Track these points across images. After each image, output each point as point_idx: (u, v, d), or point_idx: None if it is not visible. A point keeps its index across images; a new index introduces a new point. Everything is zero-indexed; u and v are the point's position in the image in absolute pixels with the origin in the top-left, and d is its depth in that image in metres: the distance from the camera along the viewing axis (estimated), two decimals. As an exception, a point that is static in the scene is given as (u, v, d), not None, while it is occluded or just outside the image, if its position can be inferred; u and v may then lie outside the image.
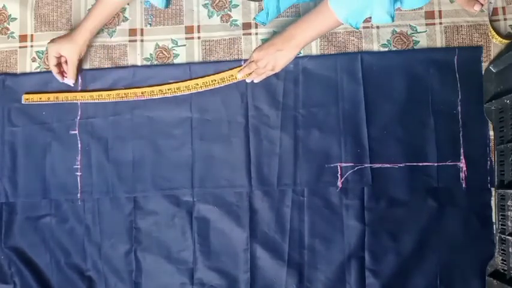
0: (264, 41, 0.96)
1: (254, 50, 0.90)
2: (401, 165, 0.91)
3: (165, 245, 0.94)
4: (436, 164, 0.91)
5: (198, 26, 0.98)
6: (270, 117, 0.94)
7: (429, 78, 0.92)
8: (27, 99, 0.96)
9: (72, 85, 0.95)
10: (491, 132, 0.92)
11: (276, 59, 0.87)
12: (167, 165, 0.94)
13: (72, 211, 0.95)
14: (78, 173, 0.95)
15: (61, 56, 0.92)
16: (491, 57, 0.93)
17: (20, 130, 0.97)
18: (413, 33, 0.94)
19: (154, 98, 0.94)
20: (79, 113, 0.97)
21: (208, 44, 0.97)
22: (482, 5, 0.92)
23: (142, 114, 0.96)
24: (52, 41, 0.92)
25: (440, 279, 0.90)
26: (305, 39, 0.85)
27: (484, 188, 0.91)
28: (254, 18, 0.96)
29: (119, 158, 0.95)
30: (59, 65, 0.93)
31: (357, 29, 0.82)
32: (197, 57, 0.97)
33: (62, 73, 0.94)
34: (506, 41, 0.91)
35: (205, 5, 0.98)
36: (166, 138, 0.95)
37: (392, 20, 0.77)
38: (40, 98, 0.95)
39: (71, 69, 0.93)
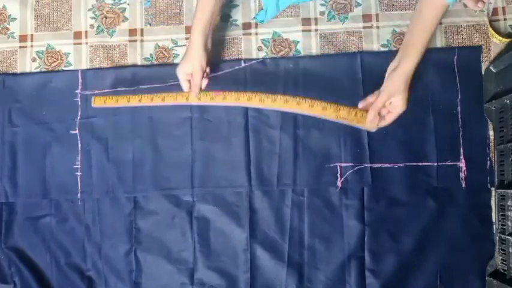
0: (265, 41, 0.96)
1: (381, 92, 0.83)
2: (401, 165, 0.91)
3: (165, 245, 0.94)
4: (436, 164, 0.91)
5: (198, 26, 0.98)
6: (270, 117, 0.94)
7: (429, 78, 0.92)
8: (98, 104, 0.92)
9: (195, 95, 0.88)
10: (491, 132, 0.92)
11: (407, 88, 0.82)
12: (167, 165, 0.94)
13: (72, 211, 0.95)
14: (78, 173, 0.95)
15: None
16: (491, 57, 0.93)
17: (20, 130, 0.97)
18: (413, 33, 0.94)
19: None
20: (79, 113, 0.97)
21: (208, 44, 0.97)
22: (484, 2, 0.92)
23: (142, 114, 0.96)
24: (177, 69, 0.86)
25: (440, 279, 0.90)
26: (422, 50, 0.81)
27: (484, 188, 0.91)
28: (254, 17, 0.96)
29: (119, 158, 0.95)
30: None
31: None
32: (197, 57, 0.97)
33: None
34: (507, 40, 0.91)
35: (205, 5, 0.98)
36: (166, 138, 0.95)
37: None
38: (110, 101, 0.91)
39: (195, 83, 0.87)
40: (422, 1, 0.80)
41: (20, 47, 1.00)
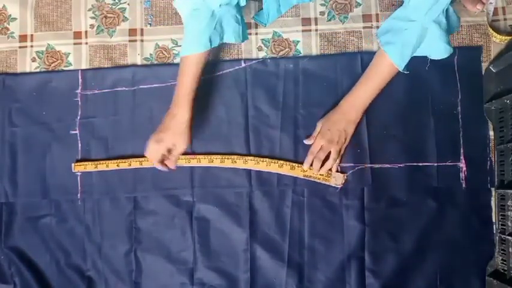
0: (265, 41, 0.96)
1: (317, 125, 0.89)
2: (401, 165, 0.91)
3: (165, 245, 0.94)
4: (436, 164, 0.91)
5: (198, 26, 0.98)
6: (270, 117, 0.94)
7: (429, 78, 0.92)
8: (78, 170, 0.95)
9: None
10: (491, 132, 0.92)
11: (346, 128, 0.86)
12: (167, 165, 0.94)
13: (72, 211, 0.95)
14: (78, 173, 0.95)
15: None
16: (491, 57, 0.93)
17: (20, 130, 0.97)
18: (413, 33, 0.94)
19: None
20: (79, 112, 0.97)
21: (208, 44, 0.97)
22: (484, 4, 0.92)
23: (142, 114, 0.96)
24: (154, 139, 0.83)
25: (440, 279, 0.90)
26: (368, 102, 0.85)
27: (484, 188, 0.91)
28: (253, 17, 0.96)
29: (118, 158, 0.95)
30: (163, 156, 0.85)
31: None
32: (197, 57, 0.97)
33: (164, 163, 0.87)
34: (507, 38, 0.91)
35: (205, 5, 0.98)
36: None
37: (451, 51, 0.78)
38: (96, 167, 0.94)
39: (174, 159, 0.86)
40: (376, 59, 0.82)
41: (20, 47, 1.00)
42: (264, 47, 0.96)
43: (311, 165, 0.89)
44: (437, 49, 0.77)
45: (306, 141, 0.91)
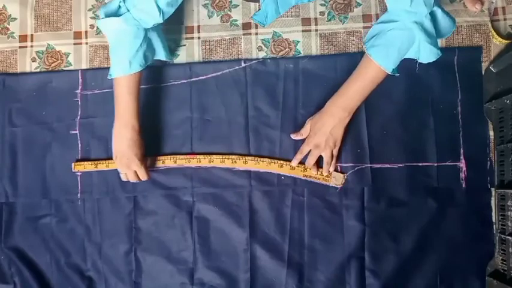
0: (265, 41, 0.96)
1: (307, 122, 0.90)
2: (401, 165, 0.91)
3: (165, 245, 0.94)
4: (436, 164, 0.91)
5: (198, 26, 0.98)
6: (270, 117, 0.94)
7: (429, 79, 0.92)
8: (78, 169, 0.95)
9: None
10: (491, 132, 0.92)
11: (333, 131, 0.85)
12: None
13: (72, 211, 0.95)
14: (78, 173, 0.95)
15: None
16: (491, 57, 0.93)
17: (20, 130, 0.97)
18: (413, 33, 0.94)
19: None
20: (79, 112, 0.97)
21: (208, 44, 0.97)
22: (483, 4, 0.92)
23: (142, 114, 0.95)
24: (118, 164, 0.87)
25: (440, 279, 0.90)
26: (356, 104, 0.84)
27: (484, 188, 0.91)
28: (252, 17, 0.96)
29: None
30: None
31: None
32: (197, 57, 0.97)
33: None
34: (506, 42, 0.91)
35: (205, 5, 0.98)
36: (167, 138, 0.95)
37: (439, 54, 0.75)
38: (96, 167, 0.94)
39: (142, 173, 0.87)
40: (362, 61, 0.80)
41: (20, 47, 1.00)
42: (264, 47, 0.96)
43: (304, 164, 0.90)
44: (423, 52, 0.75)
45: (293, 136, 0.91)
